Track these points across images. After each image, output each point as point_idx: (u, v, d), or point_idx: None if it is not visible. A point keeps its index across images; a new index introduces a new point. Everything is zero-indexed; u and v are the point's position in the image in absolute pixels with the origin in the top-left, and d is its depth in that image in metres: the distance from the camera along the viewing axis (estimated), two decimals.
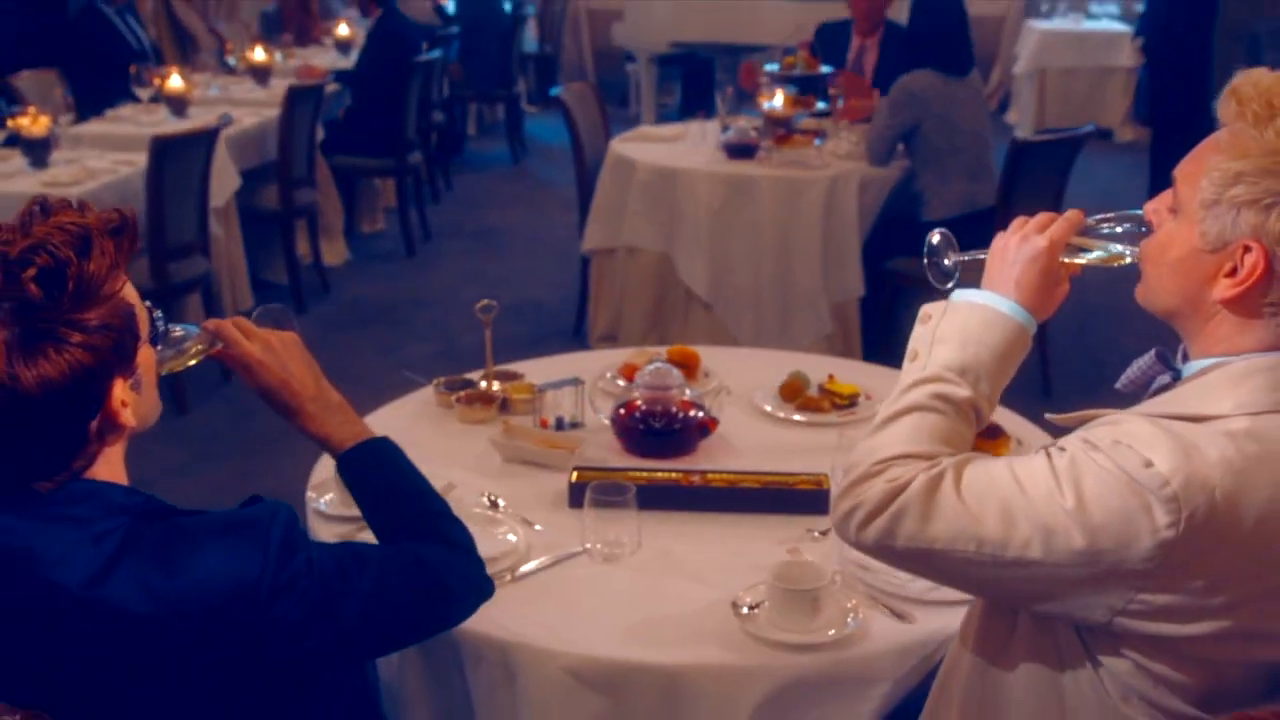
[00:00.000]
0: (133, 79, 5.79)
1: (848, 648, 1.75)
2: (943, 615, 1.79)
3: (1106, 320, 5.41)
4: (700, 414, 2.32)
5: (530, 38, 10.21)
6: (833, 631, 1.75)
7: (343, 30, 8.06)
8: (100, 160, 4.80)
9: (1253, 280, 1.36)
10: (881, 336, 4.78)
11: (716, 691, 1.71)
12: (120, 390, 1.37)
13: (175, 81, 5.78)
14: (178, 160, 4.53)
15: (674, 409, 2.30)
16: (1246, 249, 1.35)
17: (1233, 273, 1.37)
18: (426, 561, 1.55)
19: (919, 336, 1.57)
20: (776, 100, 5.06)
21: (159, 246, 4.52)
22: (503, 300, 2.71)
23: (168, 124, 5.52)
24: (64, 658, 1.34)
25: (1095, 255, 1.55)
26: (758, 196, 4.73)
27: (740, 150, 4.91)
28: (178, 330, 1.59)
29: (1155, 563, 1.32)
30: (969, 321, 1.54)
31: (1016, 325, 1.53)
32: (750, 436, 2.41)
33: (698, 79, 9.57)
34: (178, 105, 5.73)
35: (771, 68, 5.39)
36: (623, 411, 2.33)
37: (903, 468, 1.44)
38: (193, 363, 1.61)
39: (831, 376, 2.59)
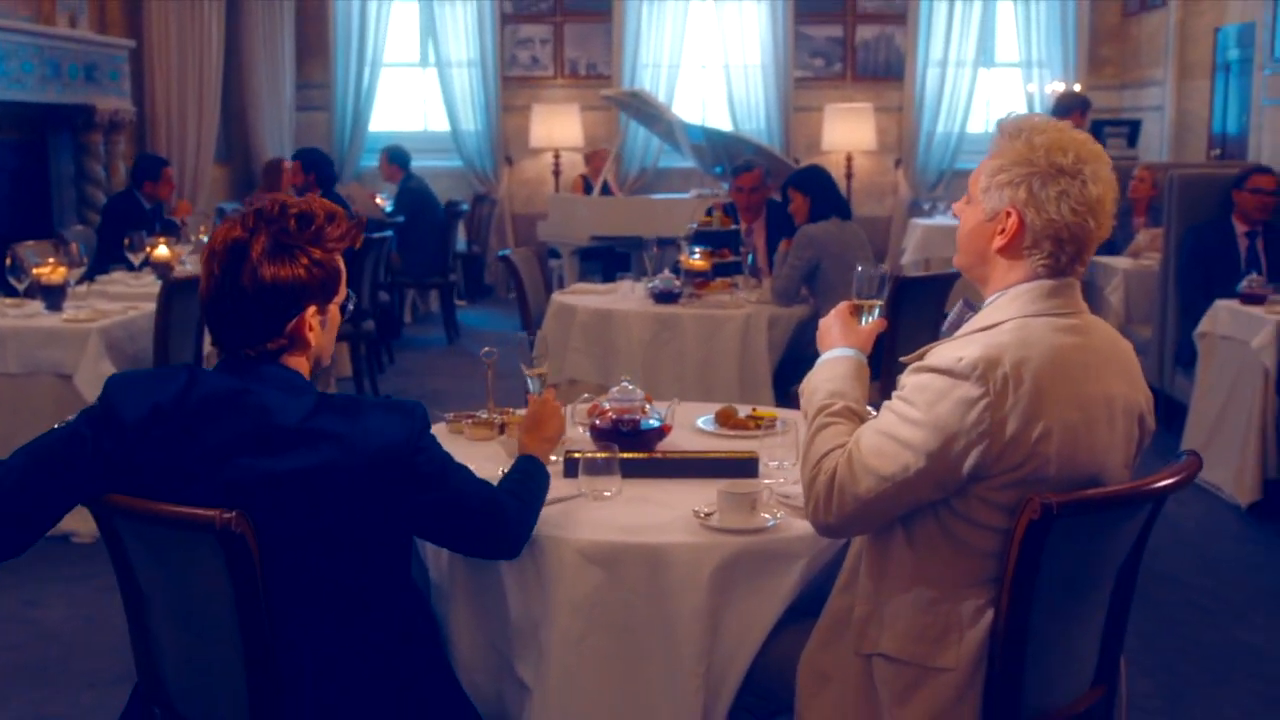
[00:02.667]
0: (126, 248, 6.52)
1: (776, 533, 2.44)
2: None
3: None
4: (658, 422, 3.05)
5: (459, 238, 11.09)
6: (765, 523, 2.46)
7: None
8: (111, 304, 5.48)
9: (1013, 232, 2.15)
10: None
11: (685, 562, 2.38)
12: (312, 315, 2.09)
13: (162, 250, 6.53)
14: (184, 302, 5.24)
15: (638, 417, 3.03)
16: (1008, 214, 2.15)
17: (1002, 231, 2.17)
18: (500, 500, 2.27)
19: (803, 404, 2.37)
20: (695, 255, 5.93)
21: None
22: None
23: (154, 287, 6.22)
24: (275, 474, 2.00)
25: (870, 311, 2.47)
26: (682, 332, 5.55)
27: (666, 296, 5.74)
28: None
29: (985, 423, 2.04)
30: (823, 370, 2.37)
31: (849, 357, 2.36)
32: (695, 443, 3.13)
33: (617, 268, 10.51)
34: (163, 270, 6.45)
35: (690, 225, 6.29)
36: (598, 423, 3.05)
37: (828, 460, 2.18)
38: None
39: (755, 408, 3.35)
